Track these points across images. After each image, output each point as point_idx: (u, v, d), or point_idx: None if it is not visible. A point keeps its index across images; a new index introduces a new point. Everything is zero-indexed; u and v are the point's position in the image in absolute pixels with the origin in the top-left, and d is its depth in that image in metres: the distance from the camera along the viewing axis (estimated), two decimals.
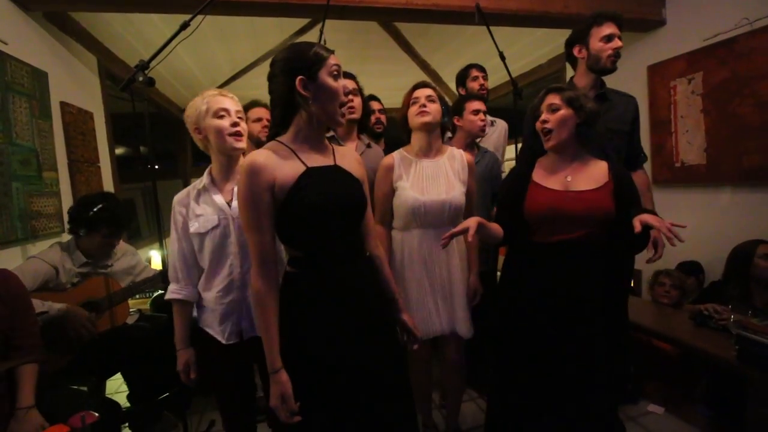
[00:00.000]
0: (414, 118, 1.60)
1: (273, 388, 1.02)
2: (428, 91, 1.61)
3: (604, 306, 1.38)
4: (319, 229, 1.06)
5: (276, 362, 1.03)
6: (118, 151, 3.19)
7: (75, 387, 1.73)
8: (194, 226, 1.31)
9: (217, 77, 4.15)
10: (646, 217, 1.21)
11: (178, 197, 1.38)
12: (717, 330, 1.95)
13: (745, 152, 2.44)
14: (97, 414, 1.35)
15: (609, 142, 1.71)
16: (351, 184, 1.13)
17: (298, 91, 1.02)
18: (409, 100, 1.63)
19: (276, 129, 1.11)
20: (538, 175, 1.47)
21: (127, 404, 2.11)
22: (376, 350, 1.11)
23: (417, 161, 1.64)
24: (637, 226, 1.20)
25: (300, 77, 1.02)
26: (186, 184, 5.12)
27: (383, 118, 2.45)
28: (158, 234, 1.63)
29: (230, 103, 1.32)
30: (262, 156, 1.02)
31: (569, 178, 1.41)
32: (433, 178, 1.61)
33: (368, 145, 1.93)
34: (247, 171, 1.00)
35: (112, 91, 3.02)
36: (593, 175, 1.40)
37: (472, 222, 1.26)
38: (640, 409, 2.17)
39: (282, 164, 1.03)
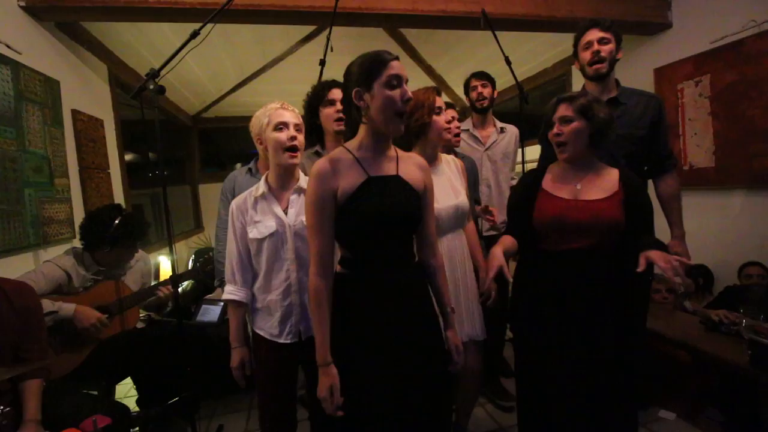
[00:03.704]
0: (446, 134, 1.58)
1: (323, 380, 1.07)
2: (452, 112, 1.61)
3: (618, 314, 1.35)
4: (372, 236, 1.11)
5: (327, 356, 1.08)
6: (127, 157, 3.23)
7: (86, 391, 1.74)
8: (253, 232, 1.36)
9: (224, 84, 4.20)
10: (652, 255, 1.24)
11: (237, 203, 1.42)
12: (729, 335, 1.93)
13: (755, 155, 2.42)
14: (109, 418, 1.37)
15: (619, 149, 1.66)
16: (408, 195, 1.15)
17: (353, 103, 1.08)
18: (432, 107, 1.53)
19: (347, 136, 1.18)
20: (548, 184, 1.46)
21: (137, 409, 2.12)
22: (416, 357, 1.13)
23: None
24: (642, 264, 1.24)
25: (356, 89, 1.07)
26: (194, 189, 5.15)
27: None
28: (168, 239, 1.64)
29: (290, 116, 1.36)
30: (329, 163, 1.10)
31: (579, 187, 1.39)
32: (439, 185, 1.59)
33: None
34: (315, 176, 1.09)
35: (122, 99, 3.07)
36: (604, 184, 1.38)
37: (500, 258, 1.29)
38: (651, 415, 2.14)
39: (346, 172, 1.10)
